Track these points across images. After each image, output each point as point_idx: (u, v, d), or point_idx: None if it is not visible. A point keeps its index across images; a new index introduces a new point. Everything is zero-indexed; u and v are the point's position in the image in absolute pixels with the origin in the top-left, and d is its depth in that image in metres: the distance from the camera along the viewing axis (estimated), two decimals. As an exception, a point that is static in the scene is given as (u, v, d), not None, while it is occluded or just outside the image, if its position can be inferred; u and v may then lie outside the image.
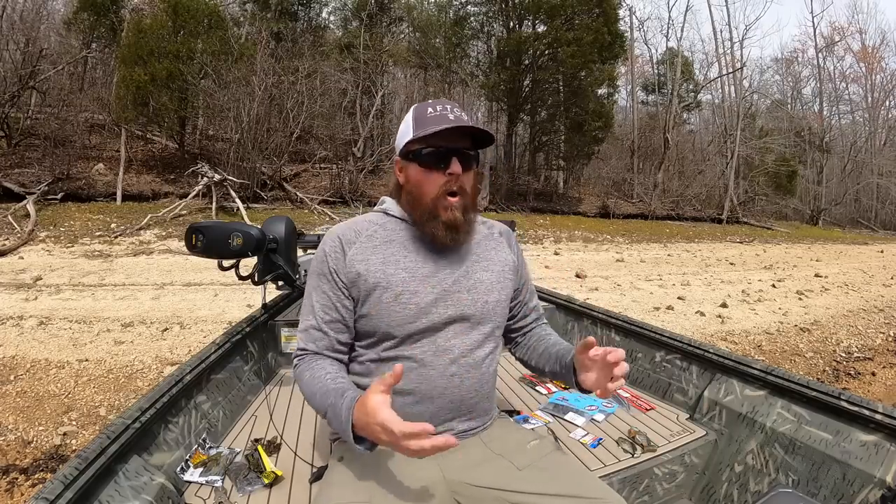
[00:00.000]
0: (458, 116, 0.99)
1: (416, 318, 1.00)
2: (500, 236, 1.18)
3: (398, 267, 1.02)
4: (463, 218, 1.01)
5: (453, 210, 1.00)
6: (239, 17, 15.61)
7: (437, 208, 1.00)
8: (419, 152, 1.00)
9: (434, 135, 0.96)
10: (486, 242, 1.13)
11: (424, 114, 1.01)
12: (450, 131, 0.96)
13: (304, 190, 11.97)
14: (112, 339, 4.10)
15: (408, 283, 1.01)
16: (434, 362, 1.00)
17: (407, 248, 1.05)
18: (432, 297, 1.01)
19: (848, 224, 27.03)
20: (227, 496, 1.16)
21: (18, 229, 7.62)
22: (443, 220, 1.00)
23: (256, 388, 1.75)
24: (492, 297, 1.07)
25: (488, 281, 1.07)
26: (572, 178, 18.54)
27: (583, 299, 2.45)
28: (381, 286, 1.00)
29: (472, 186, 1.04)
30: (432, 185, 1.00)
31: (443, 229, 1.00)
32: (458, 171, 0.98)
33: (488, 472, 0.97)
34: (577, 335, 2.22)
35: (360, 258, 1.02)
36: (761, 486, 1.33)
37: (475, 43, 17.72)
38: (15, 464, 2.50)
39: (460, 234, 1.02)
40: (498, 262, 1.12)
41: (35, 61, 10.63)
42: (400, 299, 0.99)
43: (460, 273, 1.05)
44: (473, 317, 1.04)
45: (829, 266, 11.61)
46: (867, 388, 4.44)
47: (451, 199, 1.00)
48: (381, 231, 1.07)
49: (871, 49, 30.56)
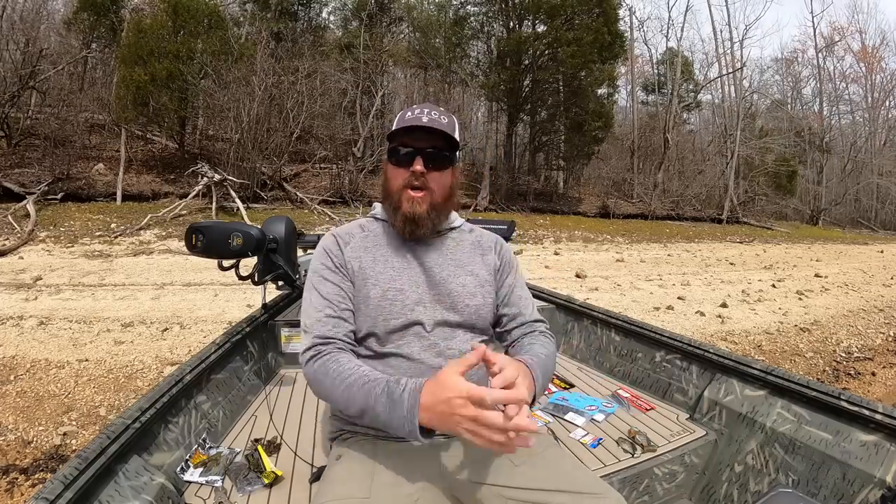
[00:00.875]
0: (432, 119, 1.03)
1: (402, 314, 1.03)
2: (488, 245, 1.19)
3: (386, 266, 1.08)
4: (426, 214, 1.04)
5: (415, 204, 1.03)
6: (239, 17, 15.62)
7: (400, 200, 1.04)
8: (390, 150, 1.06)
9: (402, 134, 1.03)
10: (472, 249, 1.17)
11: (404, 116, 1.06)
12: (419, 131, 1.02)
13: (304, 190, 11.97)
14: (112, 339, 4.10)
15: (394, 281, 1.06)
16: (422, 356, 1.02)
17: (394, 250, 1.10)
18: (416, 295, 1.05)
19: (848, 224, 27.04)
20: (227, 496, 1.16)
21: (18, 229, 7.62)
22: (402, 211, 1.04)
23: (256, 388, 1.75)
24: (473, 302, 1.09)
25: (471, 285, 1.10)
26: (572, 178, 18.54)
27: (583, 299, 2.45)
28: (370, 283, 1.05)
29: (443, 186, 1.07)
30: (398, 180, 1.05)
31: (401, 221, 1.05)
32: (419, 168, 1.02)
33: (486, 469, 0.97)
34: (577, 335, 2.22)
35: (354, 256, 1.08)
36: (761, 486, 1.33)
37: (475, 43, 17.72)
38: (15, 464, 2.50)
39: (420, 228, 1.05)
40: (483, 268, 1.14)
41: (35, 61, 10.63)
42: (387, 296, 1.04)
43: (444, 276, 1.09)
44: (456, 319, 1.07)
45: (829, 266, 11.61)
46: (867, 388, 4.44)
47: (412, 193, 1.04)
48: (371, 235, 1.13)
49: (871, 49, 30.60)
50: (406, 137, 1.04)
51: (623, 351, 1.97)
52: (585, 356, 2.14)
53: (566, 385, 1.88)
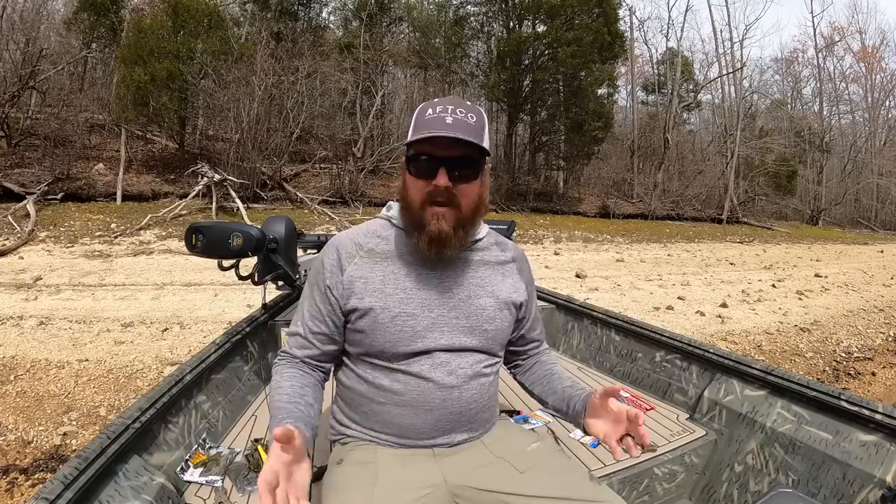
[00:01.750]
0: (457, 120, 0.89)
1: (412, 342, 0.96)
2: (512, 262, 1.11)
3: (397, 287, 0.97)
4: (452, 231, 0.92)
5: (440, 221, 0.91)
6: (239, 17, 15.61)
7: (424, 217, 0.92)
8: (409, 158, 0.94)
9: (424, 140, 0.89)
10: (495, 267, 1.07)
11: (424, 115, 0.92)
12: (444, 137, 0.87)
13: (304, 190, 11.97)
14: (112, 339, 4.10)
15: (405, 305, 0.96)
16: (432, 374, 0.97)
17: (408, 266, 0.99)
18: (429, 321, 0.97)
19: (848, 224, 27.03)
20: (227, 496, 1.16)
21: (18, 229, 7.61)
22: (428, 230, 0.91)
23: (256, 388, 1.75)
24: (492, 326, 1.02)
25: (491, 308, 1.02)
26: (572, 178, 18.53)
27: (583, 299, 2.45)
28: (379, 306, 0.96)
29: (471, 198, 0.94)
30: (418, 193, 0.92)
31: (426, 241, 0.92)
32: (443, 183, 0.89)
33: (489, 475, 0.96)
34: (577, 335, 2.22)
35: (359, 275, 0.98)
36: (761, 486, 1.33)
37: (475, 43, 17.72)
38: (15, 464, 2.50)
39: (446, 248, 0.93)
40: (504, 290, 1.05)
41: (35, 61, 10.63)
42: (396, 321, 0.96)
43: (461, 298, 1.00)
44: (472, 343, 1.00)
45: (829, 266, 11.60)
46: (867, 388, 4.44)
47: (437, 209, 0.91)
48: (383, 245, 1.02)
49: (871, 49, 30.58)
50: (426, 143, 0.90)
51: (623, 351, 1.97)
52: (585, 356, 2.14)
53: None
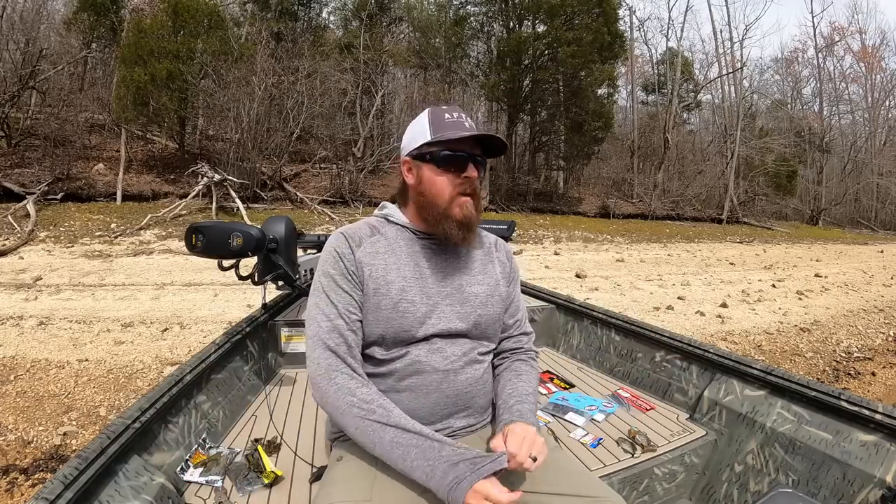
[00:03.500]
0: (471, 125, 1.05)
1: (411, 328, 1.02)
2: (495, 250, 1.20)
3: (398, 275, 1.04)
4: (476, 218, 1.06)
5: (468, 208, 1.04)
6: (239, 17, 15.60)
7: (452, 207, 1.04)
8: (437, 154, 1.03)
9: (454, 140, 1.03)
10: (482, 256, 1.16)
11: (441, 118, 1.05)
12: (467, 137, 1.03)
13: (304, 190, 11.97)
14: (112, 339, 4.10)
15: (405, 293, 1.03)
16: (429, 359, 1.02)
17: (407, 258, 1.07)
18: (427, 308, 1.04)
19: (848, 224, 27.05)
20: (227, 496, 1.16)
21: (18, 229, 7.61)
22: (457, 218, 1.03)
23: (256, 388, 1.75)
24: (485, 311, 1.09)
25: (482, 294, 1.10)
26: (572, 178, 18.54)
27: (583, 299, 2.45)
28: (381, 293, 1.02)
29: (479, 190, 1.10)
30: (448, 186, 1.04)
31: (456, 227, 1.04)
32: (475, 175, 1.05)
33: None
34: (577, 335, 2.22)
35: (366, 262, 1.04)
36: (761, 486, 1.33)
37: (475, 43, 17.72)
38: (15, 464, 2.50)
39: (472, 233, 1.07)
40: (492, 276, 1.14)
41: (35, 61, 10.63)
42: (398, 308, 1.02)
43: (455, 286, 1.08)
44: (467, 328, 1.07)
45: (829, 266, 11.60)
46: (867, 388, 4.44)
47: (463, 199, 1.04)
48: (382, 240, 1.08)
49: (871, 49, 30.58)
50: (455, 143, 1.03)
51: (623, 351, 1.97)
52: (585, 356, 2.14)
53: (566, 385, 1.88)
